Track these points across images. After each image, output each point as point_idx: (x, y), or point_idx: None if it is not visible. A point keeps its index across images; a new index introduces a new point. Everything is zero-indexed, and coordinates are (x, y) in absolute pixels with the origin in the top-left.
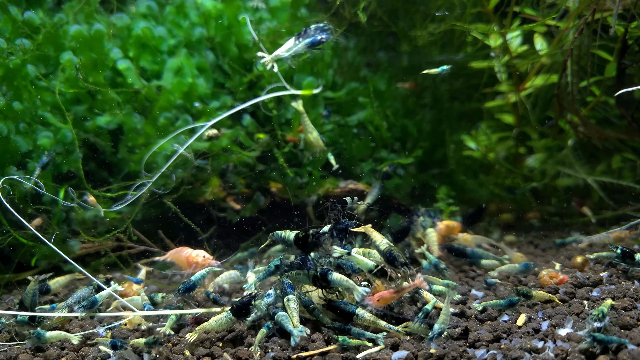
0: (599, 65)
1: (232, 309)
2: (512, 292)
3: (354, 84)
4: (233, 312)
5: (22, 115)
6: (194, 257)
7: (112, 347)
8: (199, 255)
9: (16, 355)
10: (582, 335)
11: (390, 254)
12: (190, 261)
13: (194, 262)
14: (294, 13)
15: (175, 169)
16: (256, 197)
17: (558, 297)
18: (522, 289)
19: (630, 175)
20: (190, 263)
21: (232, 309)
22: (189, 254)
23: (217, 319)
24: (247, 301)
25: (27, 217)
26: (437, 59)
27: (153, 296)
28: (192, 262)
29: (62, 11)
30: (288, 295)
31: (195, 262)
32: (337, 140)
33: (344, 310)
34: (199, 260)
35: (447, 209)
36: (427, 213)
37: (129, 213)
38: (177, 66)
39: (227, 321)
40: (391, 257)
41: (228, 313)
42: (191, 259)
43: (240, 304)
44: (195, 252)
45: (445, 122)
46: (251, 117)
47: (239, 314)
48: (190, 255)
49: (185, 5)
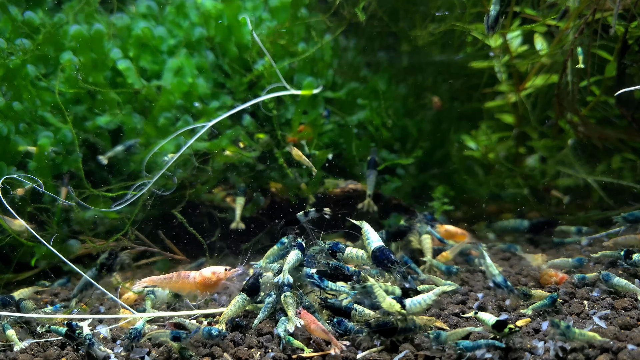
0: (599, 65)
1: (244, 290)
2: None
3: (354, 84)
4: (247, 292)
5: (22, 115)
6: (211, 275)
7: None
8: (218, 271)
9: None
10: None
11: (380, 253)
12: (209, 281)
13: (214, 280)
14: (294, 13)
15: (176, 169)
16: (256, 197)
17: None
18: (521, 289)
19: (630, 175)
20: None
21: (244, 290)
22: (200, 275)
23: (234, 303)
24: (255, 280)
25: (26, 217)
26: (437, 58)
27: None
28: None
29: (62, 11)
30: (285, 292)
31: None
32: (337, 140)
33: (341, 308)
34: (221, 277)
35: (441, 207)
36: (425, 217)
37: (129, 213)
38: (177, 66)
39: (243, 302)
40: (382, 256)
41: (242, 295)
42: (208, 279)
43: (251, 284)
44: (209, 270)
45: (445, 122)
46: (251, 117)
47: (252, 294)
48: (204, 275)
49: (185, 5)
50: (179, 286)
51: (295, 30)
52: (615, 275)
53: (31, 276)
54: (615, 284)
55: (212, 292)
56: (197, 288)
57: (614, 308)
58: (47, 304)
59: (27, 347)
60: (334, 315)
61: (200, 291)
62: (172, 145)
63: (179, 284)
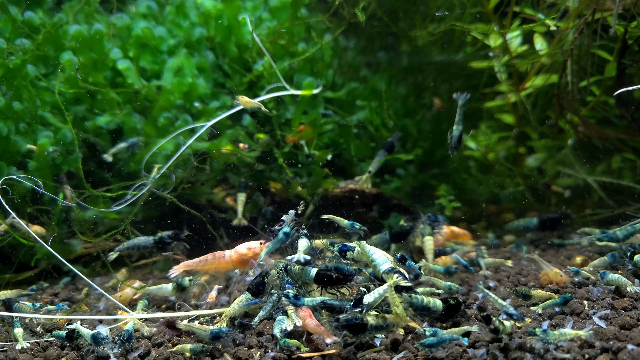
0: (599, 65)
1: (249, 289)
2: (511, 293)
3: (354, 84)
4: (251, 292)
5: (22, 115)
6: (248, 252)
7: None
8: (254, 247)
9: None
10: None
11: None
12: (245, 258)
13: (250, 256)
14: (294, 13)
15: (176, 169)
16: (256, 197)
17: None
18: (521, 290)
19: (630, 175)
20: (245, 261)
21: (249, 289)
22: (236, 253)
23: (238, 302)
24: (261, 279)
25: (26, 217)
26: (437, 58)
27: (181, 281)
28: (247, 257)
29: (62, 11)
30: (287, 292)
31: (253, 255)
32: (337, 140)
33: (340, 309)
34: (258, 252)
35: (449, 205)
36: (429, 218)
37: (128, 213)
38: (177, 66)
39: (247, 302)
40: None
41: (246, 294)
42: (244, 256)
43: (256, 283)
44: (244, 246)
45: (445, 122)
46: (251, 117)
47: (257, 293)
48: (240, 252)
49: (185, 5)
50: (216, 266)
51: (295, 30)
52: (610, 272)
53: (31, 276)
54: (610, 279)
55: (250, 268)
56: (234, 265)
57: (614, 308)
58: (47, 303)
59: (27, 347)
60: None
61: (238, 268)
62: (171, 145)
63: (215, 265)
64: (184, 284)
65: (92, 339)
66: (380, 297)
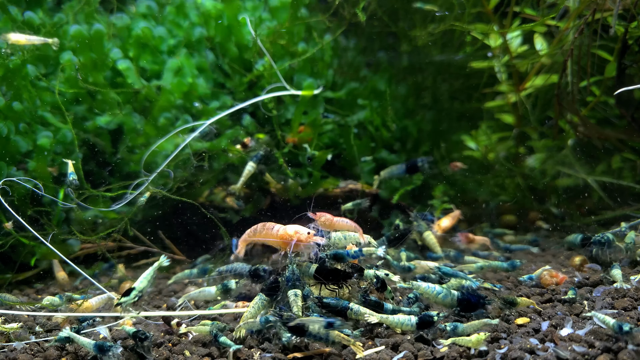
0: (599, 65)
1: (263, 290)
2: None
3: (354, 84)
4: (265, 293)
5: (22, 115)
6: (293, 234)
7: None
8: (300, 232)
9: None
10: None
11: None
12: (289, 239)
13: (294, 239)
14: (294, 13)
15: (175, 168)
16: (256, 197)
17: (557, 298)
18: (507, 297)
19: (630, 175)
20: (288, 242)
21: (263, 290)
22: (283, 231)
23: (254, 305)
24: (274, 280)
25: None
26: (437, 58)
27: (227, 283)
28: (291, 239)
29: (62, 11)
30: (295, 290)
31: (298, 240)
32: (337, 140)
33: (336, 307)
34: (302, 238)
35: (441, 205)
36: (419, 215)
37: (128, 213)
38: (177, 66)
39: (262, 304)
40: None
41: (261, 295)
42: (289, 237)
43: (270, 284)
44: (293, 228)
45: (445, 122)
46: (251, 117)
47: (271, 294)
48: (286, 232)
49: (185, 5)
50: (264, 236)
51: (295, 30)
52: (618, 267)
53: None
54: (612, 274)
55: (290, 250)
56: (277, 242)
57: (614, 308)
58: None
59: (27, 347)
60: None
61: (281, 247)
62: (171, 145)
63: (263, 234)
64: (230, 286)
65: (97, 348)
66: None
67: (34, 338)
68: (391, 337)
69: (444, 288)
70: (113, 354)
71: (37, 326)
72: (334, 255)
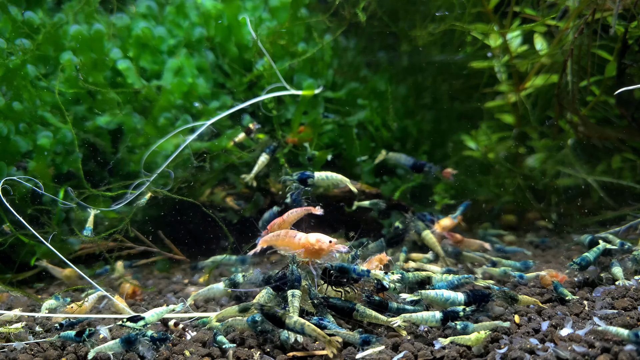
0: (599, 65)
1: (271, 284)
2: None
3: (354, 84)
4: (273, 288)
5: (22, 115)
6: (315, 242)
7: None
8: (322, 241)
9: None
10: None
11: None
12: (310, 247)
13: (316, 248)
14: (294, 13)
15: (176, 168)
16: (256, 197)
17: (556, 297)
18: (509, 293)
19: (630, 175)
20: (309, 251)
21: (271, 284)
22: (305, 239)
23: (260, 298)
24: (282, 275)
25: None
26: (437, 58)
27: (234, 277)
28: (312, 248)
29: (62, 11)
30: (294, 290)
31: (319, 248)
32: (337, 140)
33: (343, 308)
34: (324, 247)
35: (441, 201)
36: (419, 216)
37: (128, 212)
38: (177, 66)
39: (269, 297)
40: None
41: (268, 289)
42: (310, 245)
43: (277, 279)
44: (315, 236)
45: (445, 122)
46: (251, 117)
47: (279, 288)
48: (308, 240)
49: (185, 5)
50: (286, 243)
51: (295, 30)
52: (618, 264)
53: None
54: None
55: (312, 257)
56: (299, 250)
57: (614, 308)
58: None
59: (27, 347)
60: (336, 313)
61: (303, 255)
62: (170, 144)
63: (285, 241)
64: (237, 280)
65: (124, 343)
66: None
67: (32, 338)
68: (391, 337)
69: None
70: (141, 342)
71: (37, 326)
72: (339, 268)
